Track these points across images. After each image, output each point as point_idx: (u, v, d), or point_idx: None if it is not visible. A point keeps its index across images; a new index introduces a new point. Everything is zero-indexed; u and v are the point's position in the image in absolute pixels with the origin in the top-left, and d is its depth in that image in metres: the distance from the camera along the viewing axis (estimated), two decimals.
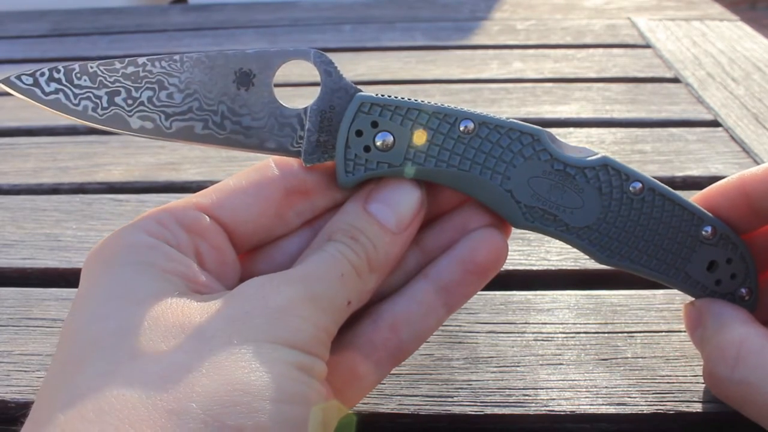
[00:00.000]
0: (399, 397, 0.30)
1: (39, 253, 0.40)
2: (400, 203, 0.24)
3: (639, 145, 0.52)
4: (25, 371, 0.32)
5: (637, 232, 0.26)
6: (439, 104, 0.25)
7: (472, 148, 0.24)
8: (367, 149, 0.24)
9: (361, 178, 0.24)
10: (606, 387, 0.30)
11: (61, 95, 0.23)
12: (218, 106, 0.24)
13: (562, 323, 0.34)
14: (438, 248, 0.26)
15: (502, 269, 0.37)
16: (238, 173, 0.25)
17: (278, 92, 0.25)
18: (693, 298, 0.28)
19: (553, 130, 0.26)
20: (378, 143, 0.24)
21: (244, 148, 0.24)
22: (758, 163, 0.48)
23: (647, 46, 0.74)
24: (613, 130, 0.54)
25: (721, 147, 0.51)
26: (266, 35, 0.82)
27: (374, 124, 0.24)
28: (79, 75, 0.23)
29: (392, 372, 0.31)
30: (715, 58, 0.69)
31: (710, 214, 0.27)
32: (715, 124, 0.55)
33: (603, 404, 0.29)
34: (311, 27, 0.84)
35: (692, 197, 0.28)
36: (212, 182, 0.49)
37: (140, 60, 0.23)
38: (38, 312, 0.35)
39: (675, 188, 0.26)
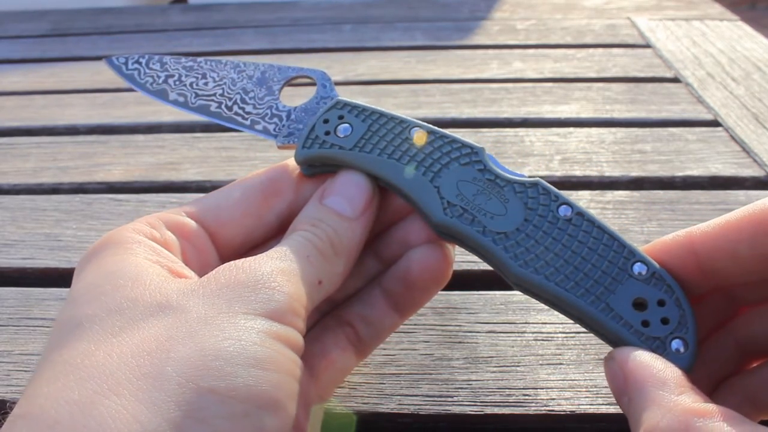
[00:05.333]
0: (399, 397, 0.30)
1: (39, 253, 0.40)
2: (352, 192, 0.26)
3: (639, 144, 0.52)
4: (25, 371, 0.32)
5: (557, 250, 0.24)
6: (402, 115, 0.28)
7: (415, 147, 0.27)
8: (327, 133, 0.28)
9: (314, 153, 0.27)
10: (606, 387, 0.30)
11: (135, 72, 0.32)
12: (234, 96, 0.30)
13: (562, 323, 0.34)
14: (392, 257, 0.28)
15: None
16: (224, 186, 0.27)
17: (283, 94, 0.30)
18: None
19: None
20: (339, 132, 0.28)
21: (238, 125, 0.30)
22: (758, 163, 0.48)
23: (647, 46, 0.74)
24: (613, 129, 0.54)
25: (721, 147, 0.51)
26: (266, 35, 0.82)
27: (340, 117, 0.28)
28: (154, 63, 0.32)
29: (392, 372, 0.31)
30: (715, 57, 0.69)
31: (644, 254, 0.24)
32: (715, 123, 0.55)
33: (603, 404, 0.29)
34: (311, 27, 0.84)
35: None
36: (211, 182, 0.49)
37: (199, 59, 0.32)
38: (38, 312, 0.35)
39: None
